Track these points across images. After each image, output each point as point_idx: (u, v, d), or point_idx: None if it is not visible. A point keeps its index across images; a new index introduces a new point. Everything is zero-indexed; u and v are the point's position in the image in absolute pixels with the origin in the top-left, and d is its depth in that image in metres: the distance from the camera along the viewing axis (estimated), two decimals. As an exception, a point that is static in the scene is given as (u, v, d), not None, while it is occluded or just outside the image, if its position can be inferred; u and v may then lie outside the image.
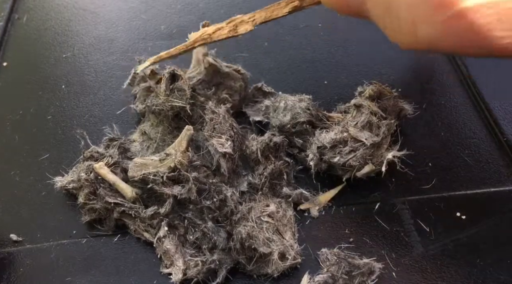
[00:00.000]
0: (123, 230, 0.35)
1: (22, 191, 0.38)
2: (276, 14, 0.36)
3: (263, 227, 0.32)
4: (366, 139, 0.34)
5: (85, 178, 0.34)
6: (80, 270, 0.33)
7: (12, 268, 0.34)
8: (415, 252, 0.33)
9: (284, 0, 0.36)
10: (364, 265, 0.31)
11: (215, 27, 0.36)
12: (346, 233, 0.34)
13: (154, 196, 0.34)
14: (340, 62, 0.45)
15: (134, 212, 0.34)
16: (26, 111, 0.43)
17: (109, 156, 0.35)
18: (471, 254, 0.33)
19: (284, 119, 0.36)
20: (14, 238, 0.35)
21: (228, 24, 0.36)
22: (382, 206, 0.35)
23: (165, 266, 0.32)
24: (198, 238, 0.32)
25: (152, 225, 0.33)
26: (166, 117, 0.36)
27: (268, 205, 0.33)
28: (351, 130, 0.34)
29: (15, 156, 0.40)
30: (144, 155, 0.37)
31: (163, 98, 0.35)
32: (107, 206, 0.34)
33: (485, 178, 0.37)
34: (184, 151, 0.33)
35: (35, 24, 0.51)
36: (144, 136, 0.38)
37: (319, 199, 0.35)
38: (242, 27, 0.36)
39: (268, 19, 0.36)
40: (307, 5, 0.36)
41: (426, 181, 0.36)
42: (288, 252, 0.31)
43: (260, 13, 0.36)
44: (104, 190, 0.34)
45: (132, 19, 0.51)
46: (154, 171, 0.32)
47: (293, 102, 0.37)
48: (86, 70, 0.46)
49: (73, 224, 0.35)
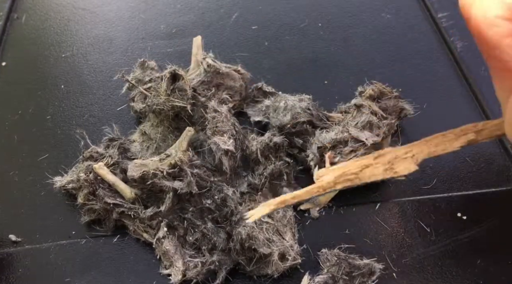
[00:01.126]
0: (123, 230, 0.35)
1: (21, 191, 0.38)
2: (442, 149, 0.30)
3: (263, 228, 0.32)
4: (367, 139, 0.33)
5: (85, 178, 0.34)
6: (79, 270, 0.33)
7: (11, 269, 0.33)
8: (415, 252, 0.33)
9: (452, 132, 0.30)
10: (365, 266, 0.31)
11: (358, 164, 0.29)
12: (346, 233, 0.34)
13: (154, 196, 0.33)
14: (340, 62, 0.45)
15: (133, 213, 0.33)
16: (25, 111, 0.43)
17: (109, 157, 0.35)
18: (472, 255, 0.33)
19: (284, 119, 0.36)
20: (13, 239, 0.35)
21: (377, 159, 0.29)
22: (382, 207, 0.35)
23: (164, 267, 0.32)
24: (198, 239, 0.32)
25: (152, 225, 0.33)
26: (166, 117, 0.36)
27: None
28: (351, 130, 0.34)
29: (14, 156, 0.40)
30: (144, 155, 0.36)
31: (164, 97, 0.35)
32: (106, 207, 0.34)
33: (486, 178, 0.36)
34: (184, 150, 0.33)
35: (34, 24, 0.51)
36: (144, 136, 0.38)
37: (319, 200, 0.35)
38: (401, 166, 0.29)
39: (431, 155, 0.30)
40: (485, 138, 0.30)
41: (427, 181, 0.36)
42: (288, 252, 0.31)
43: (419, 146, 0.30)
44: (104, 190, 0.34)
45: (131, 18, 0.51)
46: (154, 167, 0.32)
47: (293, 102, 0.37)
48: (85, 69, 0.46)
49: (72, 224, 0.35)
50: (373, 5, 0.50)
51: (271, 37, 0.48)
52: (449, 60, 0.45)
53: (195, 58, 0.40)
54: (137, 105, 0.39)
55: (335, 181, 0.29)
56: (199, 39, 0.40)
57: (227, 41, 0.47)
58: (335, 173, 0.29)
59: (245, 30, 0.48)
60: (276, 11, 0.50)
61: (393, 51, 0.45)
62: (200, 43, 0.40)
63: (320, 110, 0.37)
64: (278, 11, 0.50)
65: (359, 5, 0.50)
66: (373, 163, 0.29)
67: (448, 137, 0.30)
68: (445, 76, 0.43)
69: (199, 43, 0.40)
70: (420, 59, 0.45)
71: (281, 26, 0.48)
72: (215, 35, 0.48)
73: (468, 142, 0.30)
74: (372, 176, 0.29)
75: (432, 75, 0.44)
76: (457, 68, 0.44)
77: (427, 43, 0.46)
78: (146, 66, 0.40)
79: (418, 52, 0.45)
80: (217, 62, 0.39)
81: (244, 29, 0.49)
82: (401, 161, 0.29)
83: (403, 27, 0.47)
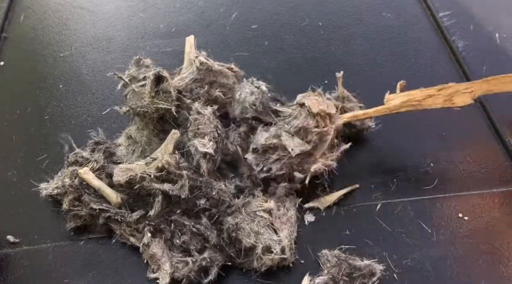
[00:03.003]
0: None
1: (19, 192, 0.37)
2: (500, 88, 0.34)
3: (255, 221, 0.31)
4: (293, 149, 0.32)
5: (69, 184, 0.34)
6: (77, 271, 0.33)
7: (9, 270, 0.33)
8: (416, 253, 0.33)
9: (510, 76, 0.33)
10: (365, 267, 0.31)
11: (423, 93, 0.34)
12: (347, 234, 0.34)
13: (141, 200, 0.33)
14: (341, 61, 0.45)
15: (120, 217, 0.33)
16: (23, 111, 0.43)
17: (94, 161, 0.35)
18: (474, 256, 0.32)
19: (236, 113, 0.36)
20: (11, 240, 0.35)
21: (440, 91, 0.34)
22: (383, 207, 0.35)
23: (152, 270, 0.32)
24: (185, 242, 0.32)
25: (138, 229, 0.33)
26: (151, 120, 0.36)
27: (267, 201, 0.33)
28: (283, 136, 0.33)
29: (12, 157, 0.39)
30: (130, 159, 0.36)
31: (148, 100, 0.35)
32: (92, 213, 0.33)
33: (487, 178, 0.36)
34: (171, 153, 0.32)
35: (32, 23, 0.50)
36: (129, 140, 0.37)
37: (325, 199, 0.35)
38: (459, 99, 0.34)
39: (488, 92, 0.34)
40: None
41: (428, 181, 0.36)
42: (273, 247, 0.31)
43: (480, 84, 0.34)
44: (89, 196, 0.33)
45: (130, 17, 0.51)
46: (141, 171, 0.32)
47: (245, 94, 0.36)
48: (84, 69, 0.46)
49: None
50: (373, 4, 0.49)
51: (271, 36, 0.47)
52: (450, 59, 0.44)
53: (188, 56, 0.40)
54: (122, 108, 0.38)
55: (401, 105, 0.34)
56: (192, 38, 0.40)
57: (226, 41, 0.47)
58: (402, 98, 0.34)
59: (245, 29, 0.48)
60: (276, 10, 0.50)
61: (394, 50, 0.45)
62: (193, 42, 0.40)
63: (268, 104, 0.36)
64: (278, 10, 0.50)
65: (360, 4, 0.49)
66: (436, 94, 0.34)
67: (507, 79, 0.33)
68: (446, 75, 0.43)
69: (192, 42, 0.40)
70: (421, 59, 0.45)
71: (281, 26, 0.48)
72: (214, 34, 0.48)
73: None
74: (433, 104, 0.33)
75: (433, 75, 0.43)
76: (458, 67, 0.44)
77: (428, 42, 0.46)
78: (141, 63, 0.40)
79: (419, 52, 0.45)
80: (209, 60, 0.39)
81: (244, 28, 0.48)
82: (460, 95, 0.33)
83: (404, 27, 0.47)
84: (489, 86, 0.34)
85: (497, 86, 0.34)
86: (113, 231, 0.34)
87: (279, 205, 0.33)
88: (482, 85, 0.34)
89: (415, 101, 0.34)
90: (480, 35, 0.46)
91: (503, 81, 0.34)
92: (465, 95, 0.34)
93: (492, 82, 0.34)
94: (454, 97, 0.34)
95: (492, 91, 0.34)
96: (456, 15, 0.47)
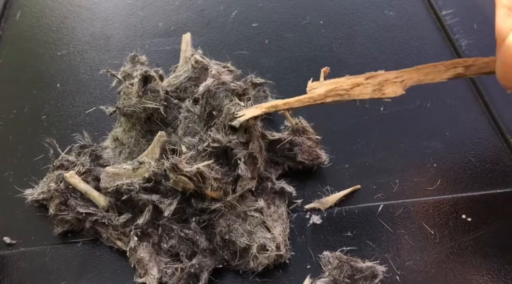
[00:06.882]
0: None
1: (16, 192, 0.37)
2: (431, 78, 0.31)
3: (246, 220, 0.31)
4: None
5: (55, 188, 0.33)
6: (75, 274, 0.32)
7: (6, 272, 0.33)
8: (419, 255, 0.32)
9: (443, 63, 0.31)
10: (367, 269, 0.30)
11: (350, 82, 0.31)
12: (348, 235, 0.33)
13: (130, 204, 0.33)
14: (342, 60, 0.44)
15: (107, 220, 0.32)
16: (20, 111, 0.42)
17: (80, 164, 0.34)
18: (477, 258, 0.32)
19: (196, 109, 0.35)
20: (7, 241, 0.34)
21: (368, 80, 0.31)
22: (385, 208, 0.35)
23: (139, 275, 0.31)
24: (173, 246, 0.31)
25: (125, 233, 0.32)
26: (138, 120, 0.35)
27: (257, 201, 0.32)
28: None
29: (8, 157, 0.39)
30: (117, 161, 0.35)
31: (135, 99, 0.34)
32: (78, 217, 0.33)
33: (491, 179, 0.36)
34: (157, 159, 0.32)
35: (29, 21, 0.50)
36: (116, 142, 0.37)
37: (326, 200, 0.35)
38: (389, 88, 0.31)
39: (420, 82, 0.31)
40: (473, 74, 0.31)
41: (431, 182, 0.36)
42: (268, 244, 0.31)
43: (410, 73, 0.31)
44: (75, 200, 0.33)
45: (129, 16, 0.50)
46: (128, 181, 0.31)
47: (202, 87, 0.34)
48: (81, 68, 0.45)
49: (68, 226, 0.35)
50: (376, 2, 0.49)
51: (272, 35, 0.47)
52: (453, 58, 0.44)
53: (183, 54, 0.40)
54: (108, 108, 0.37)
55: (326, 94, 0.31)
56: (188, 36, 0.40)
57: (226, 39, 0.47)
58: (327, 87, 0.31)
59: (245, 27, 0.48)
60: (277, 8, 0.49)
61: (397, 49, 0.45)
62: (189, 39, 0.40)
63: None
64: (278, 8, 0.49)
65: (362, 2, 0.49)
66: (364, 82, 0.31)
67: (439, 68, 0.31)
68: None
69: (188, 39, 0.40)
70: (424, 58, 0.44)
71: (282, 24, 0.48)
72: (214, 32, 0.47)
73: (457, 75, 0.31)
74: (361, 94, 0.31)
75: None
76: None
77: (431, 41, 0.45)
78: (137, 60, 0.39)
79: (422, 51, 0.45)
80: (205, 58, 0.39)
81: (244, 26, 0.48)
82: (390, 84, 0.31)
83: (406, 25, 0.47)
84: (420, 75, 0.31)
85: (428, 76, 0.31)
86: (100, 235, 0.33)
87: (269, 203, 0.33)
88: (412, 74, 0.31)
89: (342, 90, 0.30)
90: (483, 33, 0.45)
91: (435, 70, 0.31)
92: (396, 85, 0.31)
93: (423, 70, 0.31)
94: (384, 86, 0.31)
95: (424, 81, 0.31)
96: (459, 13, 0.47)
